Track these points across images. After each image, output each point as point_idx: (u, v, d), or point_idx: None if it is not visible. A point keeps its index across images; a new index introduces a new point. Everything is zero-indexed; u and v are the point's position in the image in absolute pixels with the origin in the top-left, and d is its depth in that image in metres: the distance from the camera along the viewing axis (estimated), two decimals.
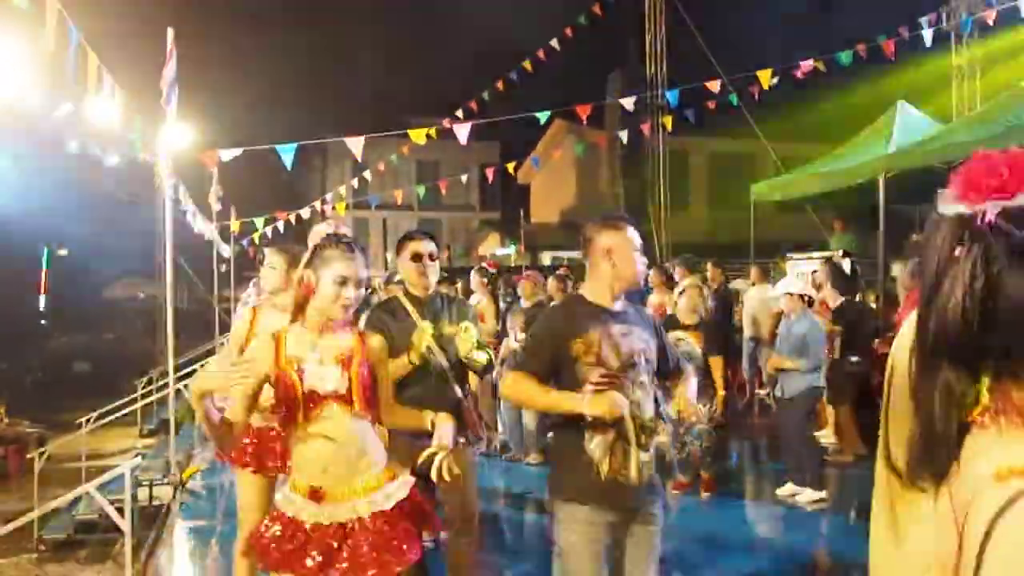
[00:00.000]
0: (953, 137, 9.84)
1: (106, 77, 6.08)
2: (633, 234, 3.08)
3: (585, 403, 2.86)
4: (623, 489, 2.90)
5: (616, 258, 3.03)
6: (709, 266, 9.83)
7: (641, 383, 2.98)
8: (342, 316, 2.73)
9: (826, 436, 8.35)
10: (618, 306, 3.07)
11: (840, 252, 10.83)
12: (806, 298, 6.72)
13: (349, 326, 2.84)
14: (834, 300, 8.01)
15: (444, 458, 2.68)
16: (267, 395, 2.80)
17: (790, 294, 6.67)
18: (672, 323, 6.43)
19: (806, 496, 6.52)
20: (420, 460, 2.72)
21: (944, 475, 1.05)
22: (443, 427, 2.83)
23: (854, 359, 7.74)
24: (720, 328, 8.96)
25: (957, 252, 1.05)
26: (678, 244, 19.01)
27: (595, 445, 2.92)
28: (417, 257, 3.95)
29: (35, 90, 7.30)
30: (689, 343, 6.25)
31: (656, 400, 3.05)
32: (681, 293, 6.43)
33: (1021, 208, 1.02)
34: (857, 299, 8.36)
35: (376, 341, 2.87)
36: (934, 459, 1.06)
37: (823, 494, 6.53)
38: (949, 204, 1.08)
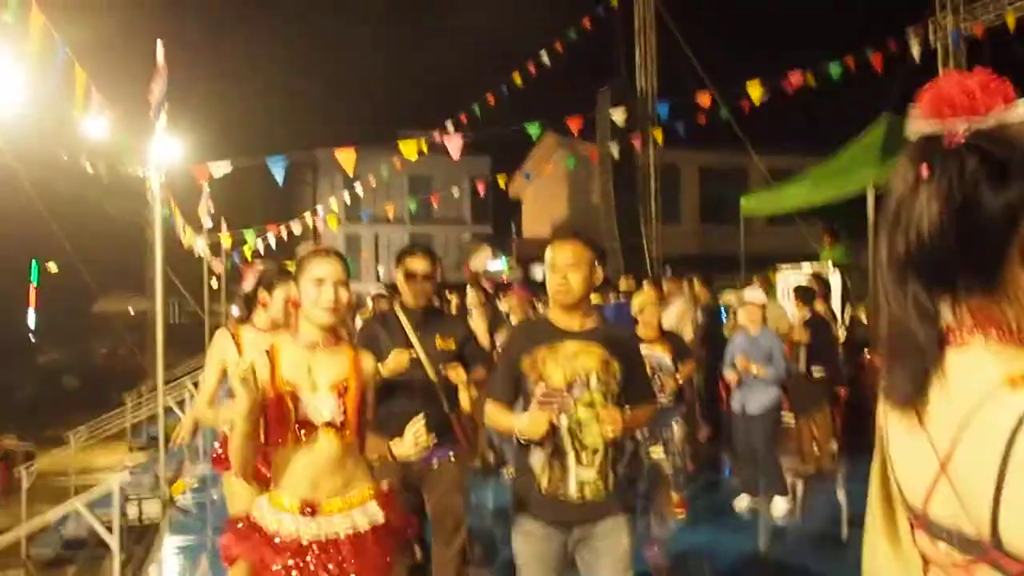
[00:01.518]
0: None
1: (94, 91, 6.07)
2: (558, 250, 3.04)
3: (515, 423, 2.98)
4: (563, 504, 2.94)
5: (546, 276, 3.09)
6: (695, 281, 9.85)
7: (588, 403, 2.96)
8: (328, 319, 2.68)
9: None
10: (580, 324, 3.06)
11: (830, 264, 10.86)
12: (764, 308, 6.81)
13: (342, 342, 2.80)
14: (801, 315, 8.09)
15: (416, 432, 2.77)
16: None
17: (753, 304, 6.72)
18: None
19: (778, 507, 6.59)
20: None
21: (924, 393, 1.05)
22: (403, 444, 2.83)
23: (816, 371, 7.79)
24: (709, 341, 9.01)
25: (925, 172, 1.04)
26: (669, 257, 19.06)
27: (535, 460, 3.00)
28: (411, 276, 3.97)
29: (23, 104, 7.27)
30: (658, 354, 6.37)
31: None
32: (641, 311, 6.53)
33: (992, 127, 1.02)
34: (820, 311, 8.43)
35: (369, 365, 2.83)
36: (914, 376, 1.06)
37: (790, 503, 6.62)
38: (917, 124, 1.08)
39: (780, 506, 6.58)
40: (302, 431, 2.61)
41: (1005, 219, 1.00)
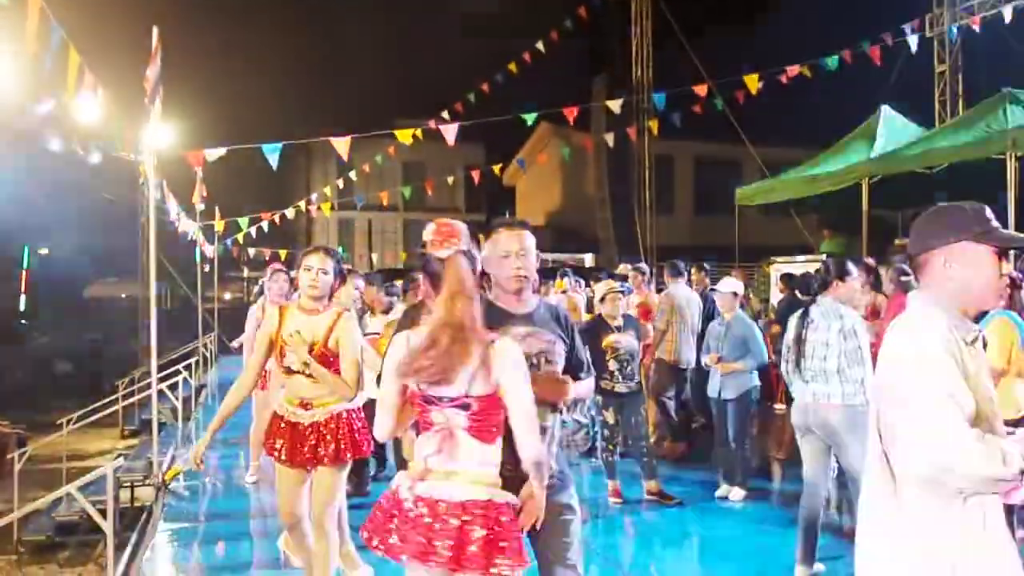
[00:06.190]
0: (935, 143, 9.92)
1: (88, 75, 6.04)
2: (513, 238, 3.06)
3: None
4: (516, 481, 2.90)
5: (489, 265, 3.09)
6: (693, 270, 9.89)
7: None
8: (311, 293, 3.93)
9: None
10: (524, 308, 3.09)
11: (825, 256, 10.91)
12: (739, 296, 6.87)
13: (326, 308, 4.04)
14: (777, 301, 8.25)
15: None
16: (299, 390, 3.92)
17: (721, 292, 6.81)
18: (603, 327, 6.57)
19: (736, 494, 6.66)
20: None
21: None
22: None
23: None
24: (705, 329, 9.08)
25: None
26: (663, 247, 19.10)
27: None
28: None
29: (16, 88, 7.23)
30: (630, 341, 6.57)
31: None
32: (602, 300, 6.63)
33: None
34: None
35: (348, 319, 4.05)
36: None
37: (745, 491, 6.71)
38: None
39: (735, 494, 6.66)
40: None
41: None
